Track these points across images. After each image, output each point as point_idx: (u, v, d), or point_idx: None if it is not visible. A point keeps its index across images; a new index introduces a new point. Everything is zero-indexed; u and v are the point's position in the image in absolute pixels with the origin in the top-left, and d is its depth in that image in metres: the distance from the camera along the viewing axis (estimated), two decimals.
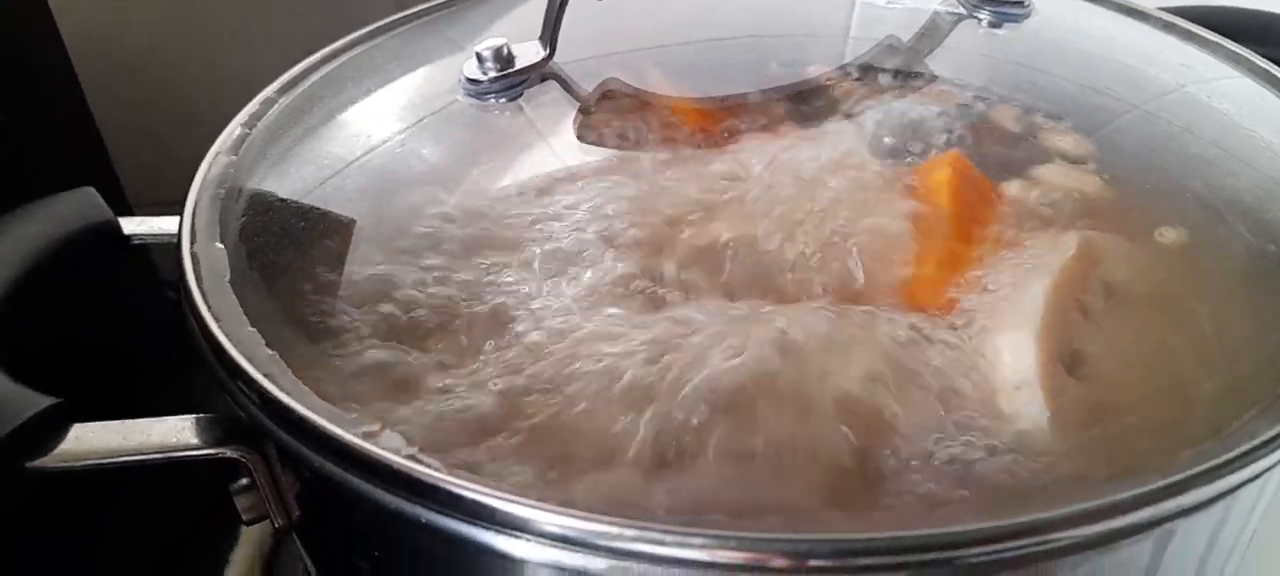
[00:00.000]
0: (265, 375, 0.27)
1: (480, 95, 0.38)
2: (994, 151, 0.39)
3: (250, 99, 0.39)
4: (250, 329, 0.29)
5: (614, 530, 0.23)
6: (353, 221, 0.34)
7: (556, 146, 0.37)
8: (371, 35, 0.43)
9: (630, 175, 0.36)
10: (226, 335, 0.28)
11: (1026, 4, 0.42)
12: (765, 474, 0.27)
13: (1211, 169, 0.39)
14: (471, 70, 0.38)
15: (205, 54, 0.61)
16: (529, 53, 0.39)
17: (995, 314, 0.34)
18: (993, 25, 0.42)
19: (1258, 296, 0.35)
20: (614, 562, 0.23)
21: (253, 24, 0.62)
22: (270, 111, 0.39)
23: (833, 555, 0.21)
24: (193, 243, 0.32)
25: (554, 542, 0.23)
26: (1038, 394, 0.31)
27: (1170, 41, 0.42)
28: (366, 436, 0.25)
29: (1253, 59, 0.41)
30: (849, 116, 0.39)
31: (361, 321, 0.31)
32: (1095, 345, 0.33)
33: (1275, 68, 0.40)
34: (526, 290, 0.31)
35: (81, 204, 0.39)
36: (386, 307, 0.31)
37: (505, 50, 0.38)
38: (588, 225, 0.33)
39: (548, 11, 0.38)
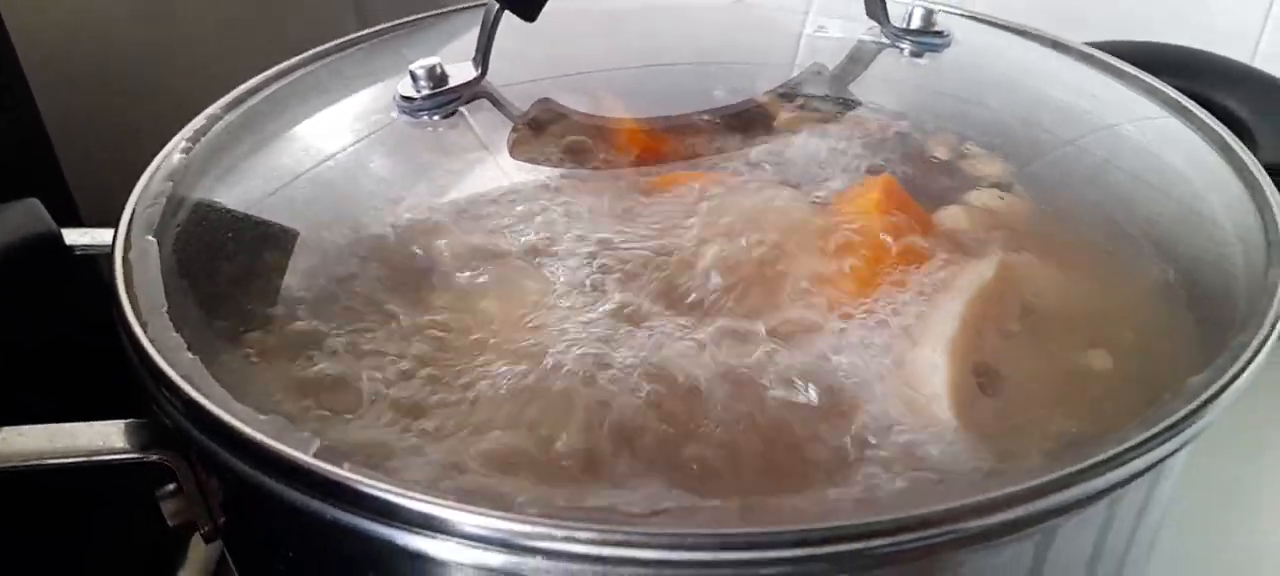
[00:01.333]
0: (184, 377, 0.28)
1: (414, 113, 0.39)
2: (921, 178, 0.40)
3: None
4: (174, 334, 0.30)
5: (519, 526, 0.23)
6: (286, 234, 0.35)
7: (488, 163, 0.37)
8: (326, 53, 0.44)
9: (559, 192, 0.37)
10: (150, 339, 0.29)
11: (946, 34, 0.43)
12: (680, 479, 0.28)
13: (1129, 197, 0.40)
14: (406, 88, 0.39)
15: (163, 66, 0.61)
16: (464, 72, 0.40)
17: (912, 330, 0.35)
18: (914, 55, 0.43)
19: (1163, 318, 0.36)
20: (520, 559, 0.24)
21: (213, 37, 0.63)
22: (215, 127, 0.40)
23: (715, 548, 0.22)
24: (127, 251, 0.33)
25: (468, 541, 0.24)
26: (947, 407, 0.32)
27: (1089, 73, 0.44)
28: (274, 432, 0.25)
29: (1167, 91, 0.42)
30: (777, 141, 0.41)
31: (293, 331, 0.32)
32: (1009, 363, 0.34)
33: (1189, 100, 0.42)
34: (455, 301, 0.32)
35: (25, 215, 0.39)
36: (314, 321, 0.32)
37: (438, 69, 0.39)
38: (517, 238, 0.34)
39: (481, 33, 0.39)
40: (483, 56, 0.39)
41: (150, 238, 0.34)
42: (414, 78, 0.39)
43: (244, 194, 0.37)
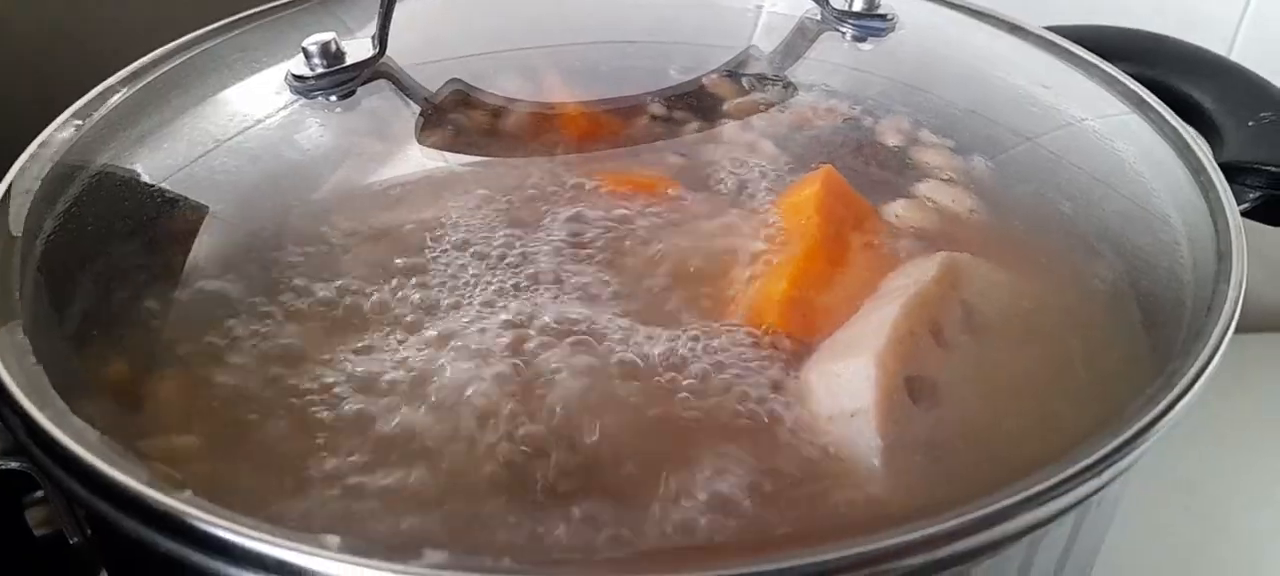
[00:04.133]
0: (23, 386, 0.25)
1: (308, 93, 0.37)
2: (865, 169, 0.38)
3: None
4: (21, 337, 0.27)
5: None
6: (155, 232, 0.33)
7: (385, 149, 0.35)
8: (248, 20, 0.41)
9: (467, 179, 0.34)
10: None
11: (890, 18, 0.41)
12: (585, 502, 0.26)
13: (1082, 196, 0.38)
14: (298, 66, 0.37)
15: (79, 26, 0.58)
16: (362, 50, 0.37)
17: (840, 337, 0.33)
18: (856, 39, 0.41)
19: (1112, 325, 0.34)
20: None
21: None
22: (111, 100, 0.37)
23: None
24: None
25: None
26: (871, 422, 0.30)
27: (1045, 60, 0.42)
28: (104, 455, 0.23)
29: (1127, 83, 0.40)
30: (712, 127, 0.38)
31: (156, 337, 0.30)
32: (946, 372, 0.32)
33: (1148, 93, 0.39)
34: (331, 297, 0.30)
35: None
36: (179, 325, 0.30)
37: (333, 46, 0.36)
38: (413, 231, 0.32)
39: (381, 8, 0.36)
40: (381, 33, 0.36)
41: (17, 225, 0.31)
42: (307, 55, 0.36)
43: (126, 181, 0.35)
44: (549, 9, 0.43)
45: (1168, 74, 0.42)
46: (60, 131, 0.35)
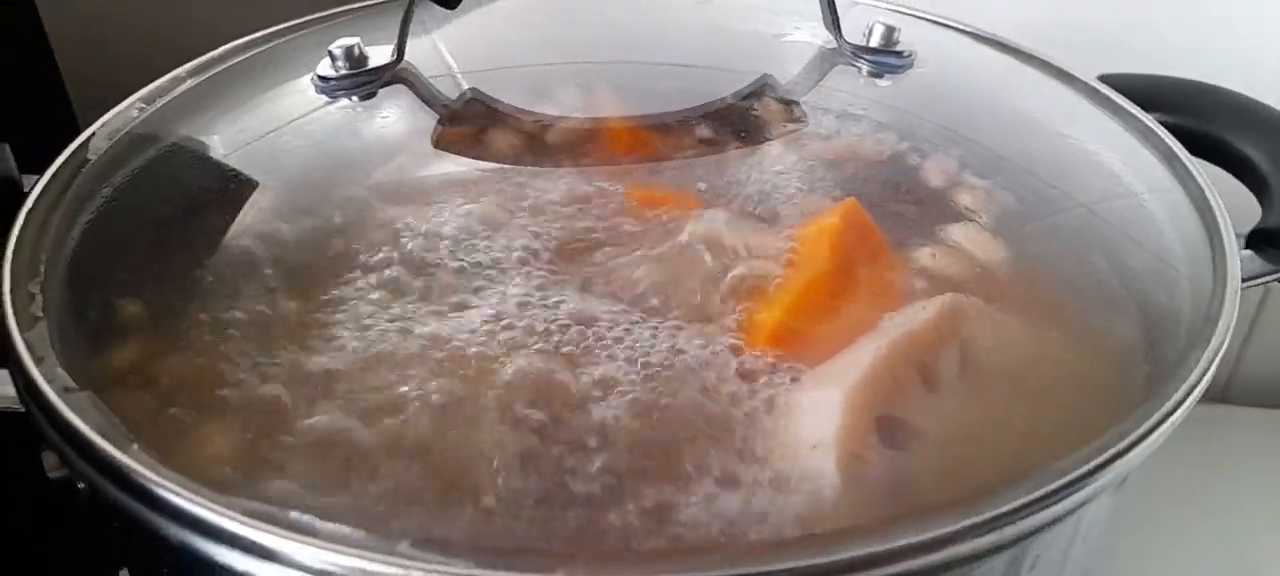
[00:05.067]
0: (30, 351, 0.28)
1: (332, 93, 0.39)
2: (892, 205, 0.38)
3: None
4: (37, 303, 0.30)
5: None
6: (184, 221, 0.35)
7: (400, 151, 0.37)
8: (306, 25, 0.43)
9: (478, 182, 0.35)
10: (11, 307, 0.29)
11: (909, 55, 0.40)
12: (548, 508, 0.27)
13: (1104, 252, 0.37)
14: (324, 68, 0.39)
15: (178, 11, 0.62)
16: (384, 55, 0.39)
17: (821, 369, 0.33)
18: (873, 75, 0.40)
19: (1118, 387, 0.33)
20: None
21: None
22: (177, 89, 0.40)
23: None
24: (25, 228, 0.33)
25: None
26: (831, 457, 0.30)
27: (1082, 106, 0.40)
28: (101, 430, 0.25)
29: (1162, 136, 0.38)
30: (738, 149, 0.39)
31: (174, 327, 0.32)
32: (928, 416, 0.31)
33: (1179, 146, 0.38)
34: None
35: None
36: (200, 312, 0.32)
37: (356, 50, 0.39)
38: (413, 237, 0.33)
39: (401, 21, 0.38)
40: (399, 41, 0.38)
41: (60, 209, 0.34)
42: (332, 57, 0.39)
43: (169, 169, 0.37)
44: (598, 31, 0.44)
45: (1221, 128, 0.40)
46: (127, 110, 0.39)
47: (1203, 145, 0.39)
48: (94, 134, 0.38)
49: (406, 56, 0.40)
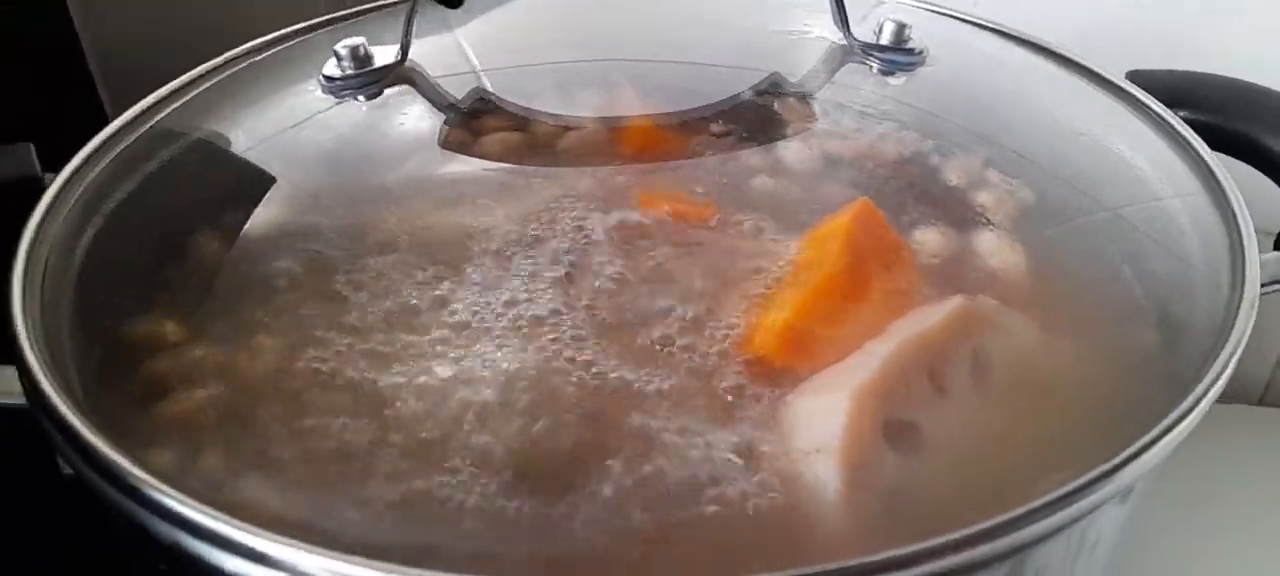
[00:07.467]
0: (38, 357, 0.28)
1: (337, 93, 0.39)
2: (907, 205, 0.37)
3: None
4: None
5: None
6: (187, 220, 0.35)
7: (404, 151, 0.37)
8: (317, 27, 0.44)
9: (486, 183, 0.35)
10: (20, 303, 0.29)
11: (920, 52, 0.40)
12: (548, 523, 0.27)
13: (1128, 257, 0.36)
14: (330, 68, 0.39)
15: (212, 11, 0.62)
16: (389, 55, 0.39)
17: (828, 372, 0.32)
18: (884, 72, 0.40)
19: (1135, 393, 0.32)
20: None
21: None
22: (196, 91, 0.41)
23: None
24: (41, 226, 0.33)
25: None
26: (834, 461, 0.29)
27: (1106, 104, 0.39)
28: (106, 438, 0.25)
29: (1191, 139, 0.37)
30: (753, 149, 0.38)
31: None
32: (936, 421, 0.31)
33: (1204, 147, 0.37)
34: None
35: (13, 158, 0.41)
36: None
37: (362, 50, 0.39)
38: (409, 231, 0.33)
39: (405, 21, 0.38)
40: (403, 40, 0.38)
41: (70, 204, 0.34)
42: (338, 57, 0.39)
43: (184, 170, 0.38)
44: (607, 29, 0.44)
45: (1254, 126, 0.39)
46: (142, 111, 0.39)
47: (1235, 144, 0.39)
48: (108, 136, 0.38)
49: (431, 54, 0.40)
